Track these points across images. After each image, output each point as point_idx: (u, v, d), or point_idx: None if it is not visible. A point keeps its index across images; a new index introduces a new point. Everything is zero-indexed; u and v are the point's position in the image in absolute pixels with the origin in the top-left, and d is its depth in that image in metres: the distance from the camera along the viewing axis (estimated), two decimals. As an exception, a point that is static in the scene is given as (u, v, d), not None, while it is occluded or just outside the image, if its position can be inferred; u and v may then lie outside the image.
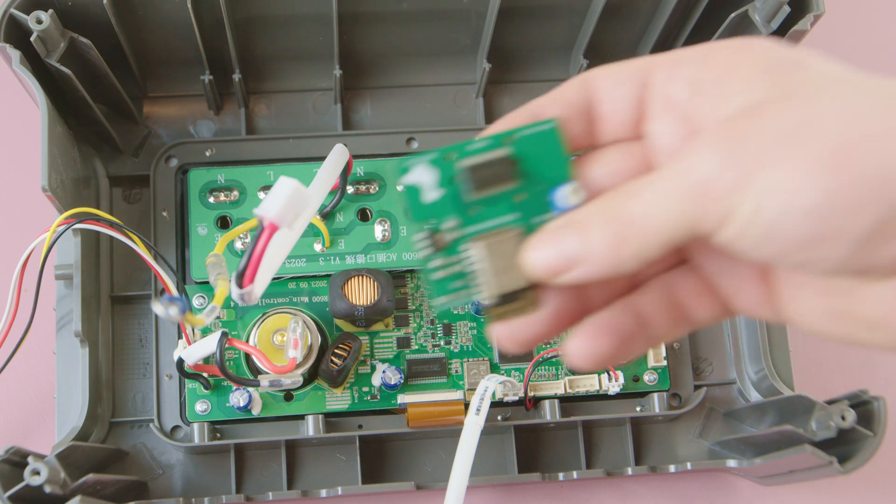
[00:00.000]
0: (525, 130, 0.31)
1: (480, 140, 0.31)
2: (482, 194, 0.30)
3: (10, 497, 0.41)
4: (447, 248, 0.30)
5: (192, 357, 0.48)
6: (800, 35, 0.49)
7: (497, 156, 0.30)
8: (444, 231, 0.30)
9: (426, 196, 0.31)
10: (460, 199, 0.30)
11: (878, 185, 0.24)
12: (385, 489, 0.50)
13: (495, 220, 0.30)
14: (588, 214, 0.28)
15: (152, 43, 0.53)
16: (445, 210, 0.30)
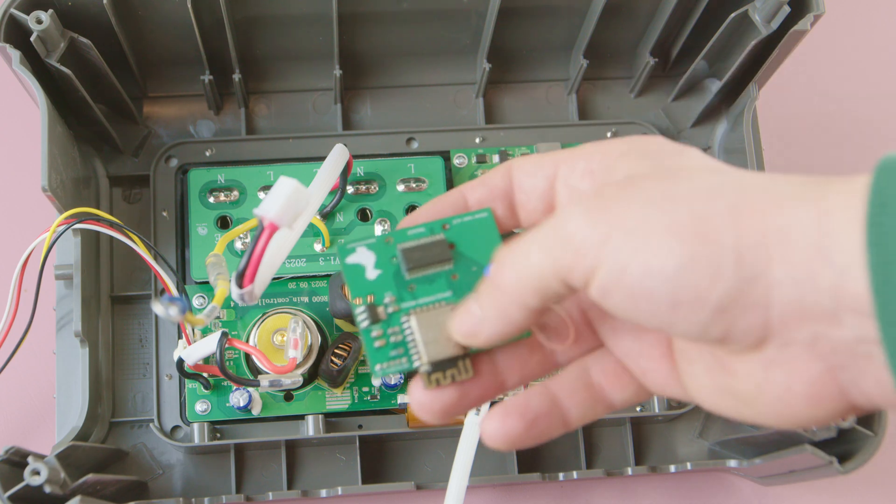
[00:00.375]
0: (460, 218, 0.34)
1: (416, 227, 0.34)
2: (419, 273, 0.34)
3: (10, 497, 0.41)
4: (386, 321, 0.34)
5: (192, 357, 0.48)
6: (800, 35, 0.49)
7: (433, 240, 0.34)
8: (384, 305, 0.34)
9: (368, 274, 0.34)
10: (400, 278, 0.34)
11: (732, 257, 0.26)
12: (385, 489, 0.50)
13: (431, 297, 0.34)
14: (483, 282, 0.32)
15: (152, 43, 0.53)
16: (384, 287, 0.34)
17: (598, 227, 0.28)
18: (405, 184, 0.53)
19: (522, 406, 0.33)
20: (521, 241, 0.30)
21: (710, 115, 0.58)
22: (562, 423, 0.33)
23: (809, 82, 0.64)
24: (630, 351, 0.32)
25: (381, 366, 0.34)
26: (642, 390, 0.33)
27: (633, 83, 0.59)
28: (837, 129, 0.63)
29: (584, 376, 0.33)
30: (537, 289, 0.30)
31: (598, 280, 0.28)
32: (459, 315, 0.32)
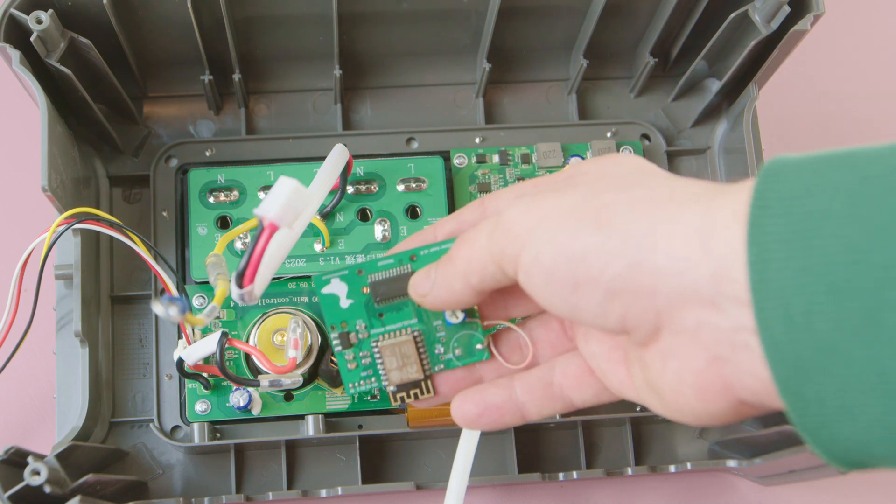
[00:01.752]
0: (426, 249, 0.38)
1: (386, 258, 0.38)
2: (387, 303, 0.38)
3: (10, 497, 0.41)
4: (358, 345, 0.38)
5: (192, 357, 0.48)
6: (800, 35, 0.49)
7: (401, 272, 0.38)
8: (356, 332, 0.38)
9: (342, 303, 0.38)
10: (371, 306, 0.38)
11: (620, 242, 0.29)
12: (385, 489, 0.50)
13: (398, 324, 0.38)
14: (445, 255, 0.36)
15: (152, 43, 0.53)
16: (356, 315, 0.38)
17: (528, 217, 0.32)
18: (405, 184, 0.53)
19: (479, 394, 0.37)
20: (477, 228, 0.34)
21: (710, 115, 0.58)
22: (518, 414, 0.37)
23: (809, 82, 0.64)
24: (595, 353, 0.35)
25: (353, 384, 0.39)
26: (603, 392, 0.36)
27: (633, 83, 0.59)
28: (837, 129, 0.63)
29: (547, 376, 0.37)
30: (478, 269, 0.34)
31: (522, 263, 0.31)
32: (419, 276, 0.37)
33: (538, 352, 0.38)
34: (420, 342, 0.38)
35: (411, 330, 0.38)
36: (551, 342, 0.38)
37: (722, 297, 0.27)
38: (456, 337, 0.38)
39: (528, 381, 0.37)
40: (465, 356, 0.38)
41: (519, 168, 0.55)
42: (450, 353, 0.38)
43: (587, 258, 0.30)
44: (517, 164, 0.55)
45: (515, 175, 0.55)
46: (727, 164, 0.56)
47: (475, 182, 0.55)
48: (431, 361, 0.38)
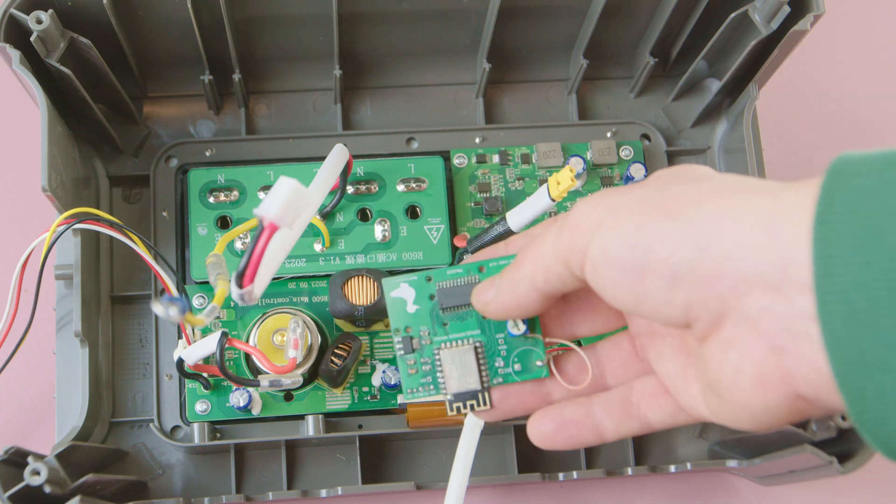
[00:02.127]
0: (495, 262, 0.38)
1: (455, 267, 0.38)
2: (452, 312, 0.38)
3: (10, 497, 0.41)
4: (420, 351, 0.39)
5: (192, 357, 0.48)
6: (800, 35, 0.49)
7: (468, 281, 0.38)
8: (419, 337, 0.39)
9: (408, 308, 0.39)
10: (436, 314, 0.38)
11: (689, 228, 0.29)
12: (385, 489, 0.50)
13: (461, 333, 0.38)
14: None
15: (152, 43, 0.53)
16: (421, 321, 0.39)
17: (596, 212, 0.32)
18: (405, 184, 0.53)
19: (557, 411, 0.38)
20: (544, 231, 0.35)
21: (710, 115, 0.58)
22: (595, 433, 0.37)
23: (809, 82, 0.64)
24: (668, 371, 0.36)
25: (411, 390, 0.39)
26: (679, 411, 0.36)
27: (633, 83, 0.59)
28: (837, 129, 0.63)
29: (625, 395, 0.37)
30: (544, 269, 0.34)
31: (590, 256, 0.32)
32: (483, 284, 0.37)
33: (609, 373, 0.38)
34: (481, 353, 0.38)
35: (473, 340, 0.38)
36: (623, 362, 0.38)
37: (787, 282, 0.27)
38: (516, 352, 0.38)
39: (607, 399, 0.37)
40: (524, 372, 0.38)
41: (519, 168, 0.55)
42: (509, 367, 0.38)
43: (654, 245, 0.30)
44: (517, 164, 0.55)
45: (515, 175, 0.55)
46: (727, 164, 0.56)
47: (475, 182, 0.55)
48: (490, 374, 0.39)
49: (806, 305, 0.27)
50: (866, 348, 0.26)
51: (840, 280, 0.26)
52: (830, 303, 0.26)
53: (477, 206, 0.54)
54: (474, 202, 0.55)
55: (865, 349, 0.26)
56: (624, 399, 0.37)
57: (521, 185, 0.55)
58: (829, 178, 0.27)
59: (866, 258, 0.26)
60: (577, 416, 0.37)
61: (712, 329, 0.30)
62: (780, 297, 0.28)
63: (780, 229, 0.28)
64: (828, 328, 0.26)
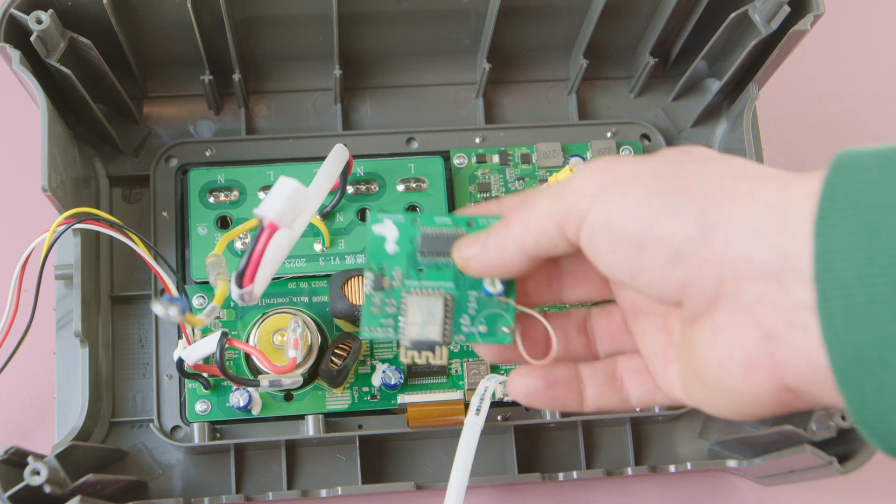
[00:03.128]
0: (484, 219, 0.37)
1: (445, 216, 0.37)
2: (431, 259, 0.37)
3: (10, 497, 0.41)
4: (388, 291, 0.37)
5: (192, 357, 0.48)
6: (800, 35, 0.50)
7: (454, 233, 0.37)
8: (391, 277, 0.37)
9: (388, 247, 0.37)
10: (413, 258, 0.37)
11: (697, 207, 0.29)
12: (385, 489, 0.50)
13: (434, 282, 0.37)
14: None
15: (152, 43, 0.53)
16: (397, 262, 0.37)
17: (596, 180, 0.31)
18: (405, 184, 0.53)
19: (547, 369, 0.37)
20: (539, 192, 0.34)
21: (710, 115, 0.58)
22: (578, 397, 0.37)
23: (809, 82, 0.64)
24: (649, 349, 0.35)
25: (369, 329, 0.37)
26: (656, 391, 0.36)
27: (633, 83, 0.59)
28: (837, 129, 0.63)
29: (611, 367, 0.37)
30: (535, 231, 0.33)
31: (588, 223, 0.31)
32: (465, 240, 0.36)
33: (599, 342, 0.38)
34: (449, 306, 0.37)
35: (445, 292, 0.37)
36: (612, 334, 0.38)
37: (788, 272, 0.27)
38: (485, 313, 0.37)
39: (594, 368, 0.37)
40: (488, 335, 0.37)
41: (519, 168, 0.55)
42: (475, 326, 0.37)
43: (660, 219, 0.30)
44: (517, 164, 0.55)
45: (515, 175, 0.55)
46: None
47: (475, 182, 0.55)
48: (454, 329, 0.37)
49: (804, 297, 0.27)
50: (866, 344, 0.26)
51: (841, 275, 0.26)
52: (831, 298, 0.26)
53: (477, 206, 0.54)
54: (474, 202, 0.55)
55: (865, 345, 0.26)
56: (609, 371, 0.37)
57: (521, 185, 0.55)
58: (831, 173, 0.27)
59: (868, 254, 0.26)
60: (566, 377, 0.37)
61: (704, 311, 0.30)
62: (778, 287, 0.28)
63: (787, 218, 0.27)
64: (827, 323, 0.26)
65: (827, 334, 0.26)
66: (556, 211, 0.32)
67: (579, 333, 0.38)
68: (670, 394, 0.35)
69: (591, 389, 0.37)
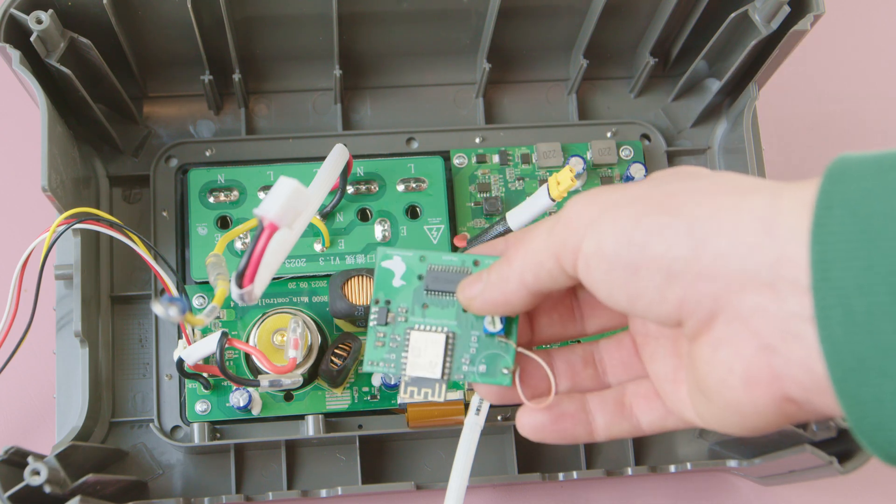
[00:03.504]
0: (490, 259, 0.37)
1: (452, 255, 0.38)
2: (436, 297, 0.38)
3: (10, 497, 0.41)
4: (393, 326, 0.38)
5: (192, 357, 0.48)
6: (800, 35, 0.49)
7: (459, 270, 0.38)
8: (396, 312, 0.38)
9: (394, 281, 0.38)
10: (419, 294, 0.38)
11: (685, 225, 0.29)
12: (385, 489, 0.50)
13: (437, 320, 0.38)
14: None
15: (152, 43, 0.53)
16: (403, 298, 0.38)
17: (591, 209, 0.32)
18: (405, 184, 0.53)
19: (554, 404, 0.37)
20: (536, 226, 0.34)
21: (710, 115, 0.58)
22: (587, 428, 0.37)
23: (809, 82, 0.64)
24: (659, 374, 0.35)
25: (372, 362, 0.38)
26: (668, 416, 0.36)
27: (633, 83, 0.59)
28: (837, 129, 0.63)
29: (619, 395, 0.37)
30: (534, 266, 0.33)
31: (583, 252, 0.31)
32: (468, 280, 0.37)
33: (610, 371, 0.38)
34: (451, 345, 0.38)
35: (448, 330, 0.38)
36: (623, 362, 0.38)
37: (782, 281, 0.27)
38: (486, 353, 0.38)
39: (602, 398, 0.37)
40: (487, 375, 0.37)
41: (519, 168, 0.55)
42: (475, 366, 0.38)
43: (650, 240, 0.30)
44: (517, 164, 0.55)
45: (515, 175, 0.55)
46: (727, 164, 0.56)
47: (475, 182, 0.55)
48: (453, 368, 0.38)
49: (800, 307, 0.27)
50: (865, 353, 0.25)
51: (839, 284, 0.26)
52: (829, 307, 0.26)
53: (477, 206, 0.54)
54: (474, 202, 0.55)
55: (864, 354, 0.25)
56: (618, 399, 0.37)
57: (521, 185, 0.55)
58: (826, 180, 0.27)
59: (866, 262, 0.25)
60: (573, 410, 0.37)
61: (704, 327, 0.30)
62: (773, 297, 0.28)
63: (778, 228, 0.27)
64: (826, 333, 0.26)
65: (825, 344, 0.26)
66: (551, 244, 0.33)
67: (586, 366, 0.38)
68: (682, 416, 0.35)
69: (601, 419, 0.37)
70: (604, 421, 0.37)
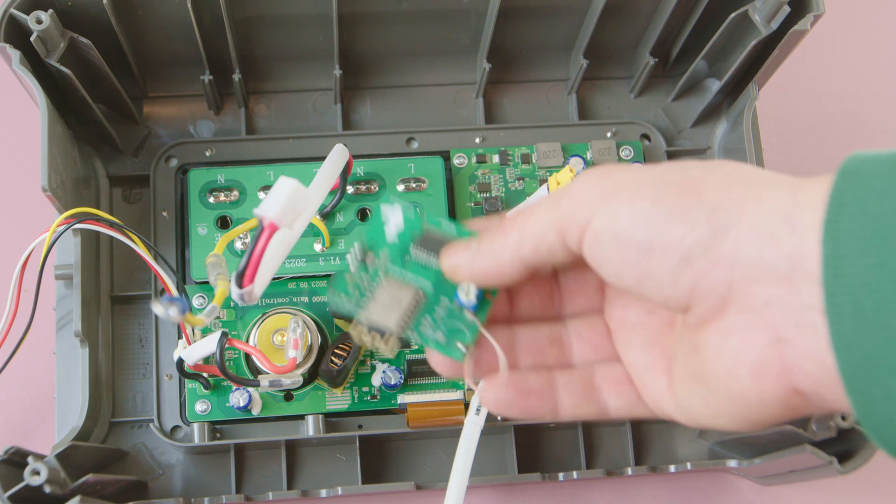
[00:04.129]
0: None
1: (453, 222, 0.37)
2: (421, 254, 0.37)
3: (10, 497, 0.41)
4: (368, 268, 0.37)
5: (192, 357, 0.48)
6: (800, 35, 0.49)
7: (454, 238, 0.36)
8: (377, 257, 0.37)
9: (388, 231, 0.37)
10: (405, 250, 0.37)
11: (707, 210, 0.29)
12: (385, 489, 0.50)
13: (414, 276, 0.37)
14: None
15: (152, 43, 0.53)
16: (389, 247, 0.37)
17: (599, 187, 0.31)
18: (405, 184, 0.53)
19: (520, 380, 0.36)
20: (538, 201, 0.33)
21: (710, 115, 0.58)
22: (552, 406, 0.36)
23: (809, 82, 0.64)
24: (636, 362, 0.35)
25: (334, 292, 0.37)
26: (638, 403, 0.35)
27: (633, 83, 0.59)
28: (837, 129, 0.63)
29: (588, 375, 0.36)
30: (534, 239, 0.33)
31: (591, 229, 0.31)
32: (457, 245, 0.35)
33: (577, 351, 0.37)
34: (418, 303, 0.36)
35: (419, 289, 0.36)
36: (594, 344, 0.37)
37: (798, 273, 0.27)
38: (449, 323, 0.36)
39: (570, 377, 0.36)
40: (442, 345, 0.36)
41: (519, 168, 0.55)
42: (433, 332, 0.36)
43: (669, 223, 0.29)
44: (517, 164, 0.55)
45: (515, 175, 0.55)
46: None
47: (475, 182, 0.55)
48: (412, 325, 0.36)
49: (814, 298, 0.27)
50: (874, 350, 0.26)
51: (850, 280, 0.26)
52: (840, 304, 0.26)
53: (477, 206, 0.54)
54: (474, 202, 0.55)
55: (873, 350, 0.26)
56: (587, 381, 0.36)
57: (521, 185, 0.55)
58: (839, 178, 0.27)
59: (877, 259, 0.26)
60: (539, 387, 0.36)
61: (714, 315, 0.30)
62: (788, 288, 0.28)
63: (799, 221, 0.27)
64: (836, 328, 0.26)
65: (835, 338, 0.26)
66: (556, 218, 0.32)
67: (552, 345, 0.37)
68: (658, 406, 0.34)
69: (566, 399, 0.36)
70: (569, 401, 0.36)
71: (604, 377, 0.36)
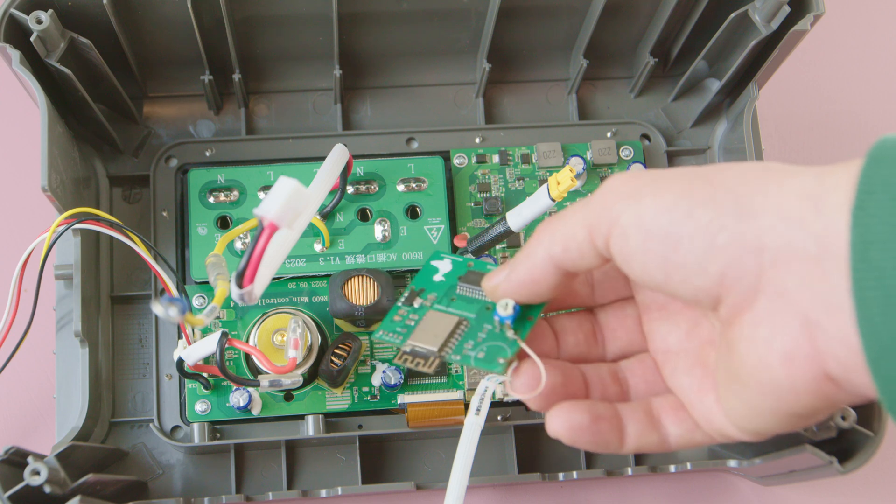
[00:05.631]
0: None
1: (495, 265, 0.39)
2: (466, 290, 0.39)
3: (10, 497, 0.41)
4: (415, 308, 0.39)
5: (192, 357, 0.48)
6: (800, 35, 0.50)
7: None
8: (424, 298, 0.40)
9: (436, 276, 0.40)
10: (452, 289, 0.39)
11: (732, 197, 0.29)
12: (385, 489, 0.50)
13: (460, 311, 0.39)
14: None
15: (152, 43, 0.53)
16: (436, 288, 0.40)
17: (627, 186, 0.32)
18: (405, 184, 0.53)
19: (590, 405, 0.36)
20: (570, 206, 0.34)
21: (710, 115, 0.58)
22: (619, 436, 0.36)
23: (809, 82, 0.64)
24: (683, 386, 0.36)
25: (384, 332, 0.39)
26: (695, 430, 0.35)
27: (633, 83, 0.59)
28: (837, 129, 0.63)
29: (646, 406, 0.37)
30: (563, 239, 0.33)
31: (620, 225, 0.31)
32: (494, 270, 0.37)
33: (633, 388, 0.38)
34: (461, 329, 0.38)
35: (463, 318, 0.38)
36: (647, 379, 0.37)
37: (827, 255, 0.27)
38: (489, 342, 0.37)
39: (632, 407, 0.36)
40: (483, 361, 0.37)
41: (519, 168, 0.55)
42: (474, 351, 0.37)
43: (695, 212, 0.30)
44: (517, 164, 0.55)
45: (515, 175, 0.55)
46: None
47: (475, 182, 0.55)
48: (455, 348, 0.38)
49: (843, 279, 0.27)
50: None
51: (877, 266, 0.26)
52: (867, 288, 0.26)
53: (477, 206, 0.54)
54: (474, 202, 0.55)
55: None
56: (647, 411, 0.36)
57: (521, 185, 0.55)
58: (868, 163, 0.27)
59: None
60: (608, 414, 0.36)
61: (745, 304, 0.30)
62: (818, 271, 0.28)
63: (826, 203, 0.28)
64: (863, 313, 0.26)
65: (862, 323, 0.26)
66: (585, 216, 0.33)
67: (614, 382, 0.38)
68: (711, 423, 0.34)
69: (632, 429, 0.36)
70: (635, 430, 0.36)
71: (660, 406, 0.36)
